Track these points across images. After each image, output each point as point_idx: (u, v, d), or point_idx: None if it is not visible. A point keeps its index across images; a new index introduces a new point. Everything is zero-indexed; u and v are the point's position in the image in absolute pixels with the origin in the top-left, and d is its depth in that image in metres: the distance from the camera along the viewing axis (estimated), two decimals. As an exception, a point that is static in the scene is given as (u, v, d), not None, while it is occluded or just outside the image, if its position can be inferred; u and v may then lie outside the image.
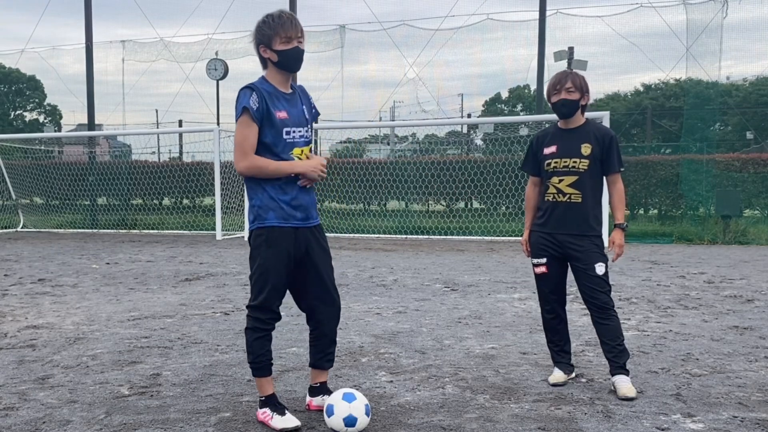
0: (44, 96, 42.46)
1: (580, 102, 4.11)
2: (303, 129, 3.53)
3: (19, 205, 19.16)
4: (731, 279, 8.75)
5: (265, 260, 3.48)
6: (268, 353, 3.55)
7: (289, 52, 3.43)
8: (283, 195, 3.47)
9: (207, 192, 18.02)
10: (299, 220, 3.52)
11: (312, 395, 3.79)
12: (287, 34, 3.40)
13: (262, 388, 3.59)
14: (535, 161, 4.28)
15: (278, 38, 3.40)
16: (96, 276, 9.14)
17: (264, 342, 3.53)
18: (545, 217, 4.19)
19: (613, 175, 4.14)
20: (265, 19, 3.45)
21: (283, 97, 3.49)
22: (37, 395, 4.04)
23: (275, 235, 3.47)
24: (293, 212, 3.49)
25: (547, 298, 4.29)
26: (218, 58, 21.53)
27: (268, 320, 3.52)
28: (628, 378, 4.04)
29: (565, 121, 4.19)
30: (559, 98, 4.10)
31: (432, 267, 10.03)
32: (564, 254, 4.15)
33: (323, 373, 3.79)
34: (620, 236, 4.14)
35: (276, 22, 3.40)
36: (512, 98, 43.16)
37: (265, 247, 3.48)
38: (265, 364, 3.55)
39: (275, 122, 3.42)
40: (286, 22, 3.41)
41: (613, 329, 4.07)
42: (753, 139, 26.90)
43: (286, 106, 3.48)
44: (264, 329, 3.52)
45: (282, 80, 3.51)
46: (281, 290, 3.55)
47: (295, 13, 20.53)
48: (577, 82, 4.09)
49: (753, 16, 17.60)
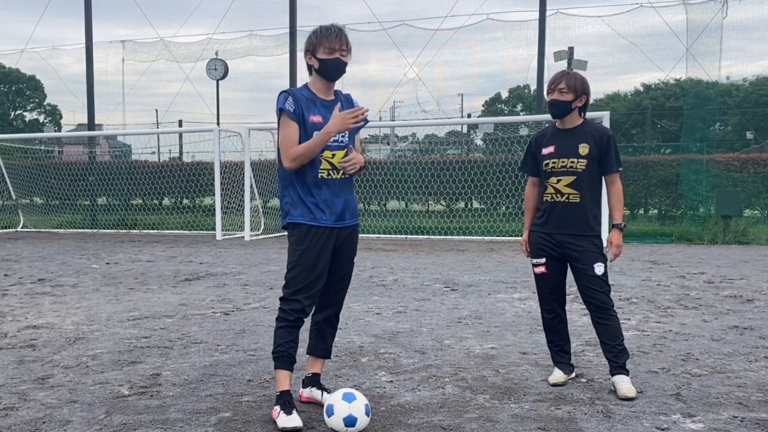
0: (44, 96, 42.47)
1: (575, 103, 4.09)
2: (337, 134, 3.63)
3: (19, 205, 19.16)
4: (731, 279, 8.75)
5: (296, 256, 3.65)
6: (288, 344, 3.63)
7: (330, 62, 3.62)
8: (309, 196, 3.62)
9: (207, 192, 18.03)
10: (330, 221, 3.64)
11: (303, 386, 3.93)
12: (331, 45, 3.59)
13: (278, 382, 3.66)
14: (534, 162, 4.28)
15: (322, 48, 3.60)
16: (96, 276, 9.14)
17: (285, 332, 3.64)
18: (544, 218, 4.19)
19: (611, 175, 4.13)
20: (315, 29, 3.68)
21: (322, 103, 3.66)
22: (37, 395, 4.03)
23: (304, 232, 3.62)
24: (320, 213, 3.62)
25: (547, 298, 4.29)
26: (218, 58, 21.53)
27: (290, 311, 3.64)
28: (628, 378, 4.04)
29: (561, 121, 4.18)
30: (551, 98, 4.11)
31: (432, 267, 10.03)
32: (563, 254, 4.15)
33: (317, 363, 3.93)
34: (618, 236, 4.13)
35: (323, 33, 3.62)
36: (512, 98, 43.17)
37: (296, 244, 3.66)
38: (283, 354, 3.64)
39: (307, 125, 3.58)
40: (331, 35, 3.61)
41: (613, 329, 4.07)
42: (753, 139, 26.88)
43: (323, 112, 3.63)
44: (287, 320, 3.64)
45: (322, 87, 3.69)
46: (308, 286, 3.65)
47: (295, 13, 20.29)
48: (571, 83, 4.06)
49: (753, 16, 17.61)
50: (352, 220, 3.75)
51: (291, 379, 3.69)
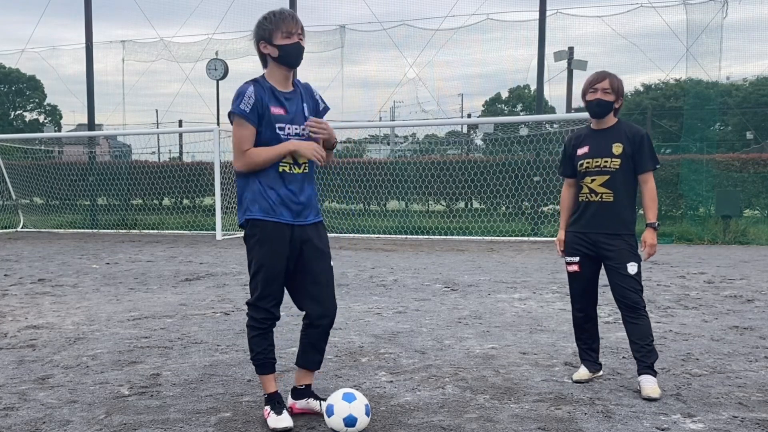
0: (44, 96, 42.51)
1: (616, 104, 4.13)
2: (299, 127, 3.49)
3: (19, 205, 19.16)
4: (731, 279, 8.74)
5: (259, 258, 3.46)
6: (266, 351, 3.54)
7: (290, 48, 3.42)
8: (270, 191, 3.43)
9: (207, 192, 18.02)
10: (290, 218, 3.47)
11: (295, 398, 3.70)
12: (288, 29, 3.40)
13: (264, 385, 3.60)
14: (570, 164, 4.29)
15: (279, 33, 3.39)
16: (96, 276, 9.14)
17: (261, 339, 3.53)
18: (579, 217, 4.23)
19: (645, 174, 4.13)
20: (266, 15, 3.45)
21: (283, 95, 3.47)
22: (37, 395, 4.03)
23: (267, 231, 3.43)
24: (281, 209, 3.44)
25: (578, 297, 4.32)
26: (218, 58, 21.51)
27: (262, 319, 3.51)
28: (655, 379, 4.03)
29: (597, 122, 4.20)
30: (595, 97, 4.10)
31: (432, 267, 10.03)
32: (597, 254, 4.18)
33: (308, 375, 3.72)
34: (652, 236, 4.14)
35: (277, 18, 3.41)
36: (512, 98, 43.22)
37: (258, 245, 3.46)
38: (264, 362, 3.55)
39: (270, 118, 3.41)
40: (287, 18, 3.42)
41: (643, 329, 4.08)
42: (753, 139, 26.90)
43: (284, 104, 3.46)
44: (260, 328, 3.52)
45: (281, 78, 3.49)
46: (275, 290, 3.51)
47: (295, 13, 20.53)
48: (615, 84, 4.10)
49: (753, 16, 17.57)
50: (315, 218, 3.56)
51: (277, 380, 3.66)
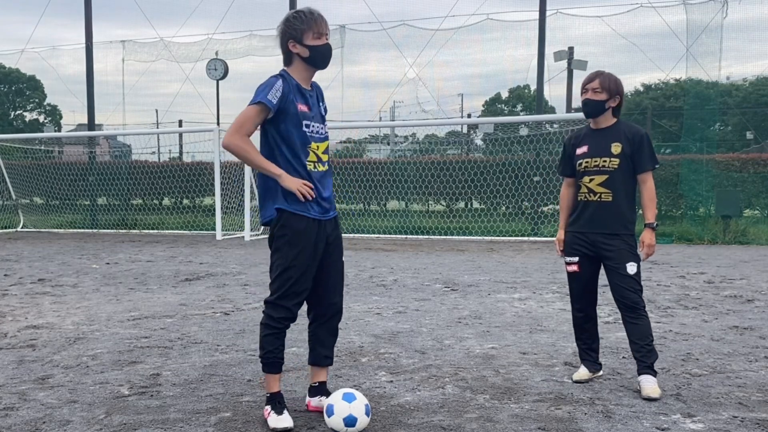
0: (44, 96, 42.48)
1: (608, 103, 4.12)
2: (320, 125, 3.52)
3: (19, 205, 19.16)
4: (731, 279, 8.74)
5: (291, 256, 3.41)
6: (277, 350, 3.55)
7: (321, 48, 3.41)
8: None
9: (207, 192, 18.02)
10: (318, 214, 3.49)
11: (310, 395, 3.78)
12: (319, 29, 3.38)
13: (269, 384, 3.61)
14: (570, 163, 4.30)
15: (311, 33, 3.37)
16: (96, 276, 9.14)
17: (274, 339, 3.53)
18: (578, 217, 4.23)
19: (644, 174, 4.13)
20: (296, 14, 3.41)
21: (307, 93, 3.49)
22: (37, 395, 4.03)
23: (299, 228, 3.41)
24: (312, 204, 3.45)
25: (578, 297, 4.32)
26: (218, 58, 21.49)
27: (280, 319, 3.50)
28: (655, 379, 4.03)
29: (595, 121, 4.21)
30: (585, 97, 4.13)
31: (432, 267, 10.03)
32: (596, 253, 4.18)
33: (321, 372, 3.76)
34: (650, 236, 4.14)
35: (308, 18, 3.37)
36: (512, 98, 43.20)
37: (289, 244, 3.43)
38: (272, 361, 3.55)
39: (296, 114, 3.39)
40: (318, 18, 3.39)
41: (643, 329, 4.08)
42: (753, 139, 26.90)
43: (308, 101, 3.47)
44: (276, 327, 3.51)
45: (305, 77, 3.49)
46: (303, 289, 3.50)
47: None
48: (605, 83, 4.10)
49: (753, 16, 17.58)
50: (334, 212, 3.62)
51: (281, 381, 3.66)
